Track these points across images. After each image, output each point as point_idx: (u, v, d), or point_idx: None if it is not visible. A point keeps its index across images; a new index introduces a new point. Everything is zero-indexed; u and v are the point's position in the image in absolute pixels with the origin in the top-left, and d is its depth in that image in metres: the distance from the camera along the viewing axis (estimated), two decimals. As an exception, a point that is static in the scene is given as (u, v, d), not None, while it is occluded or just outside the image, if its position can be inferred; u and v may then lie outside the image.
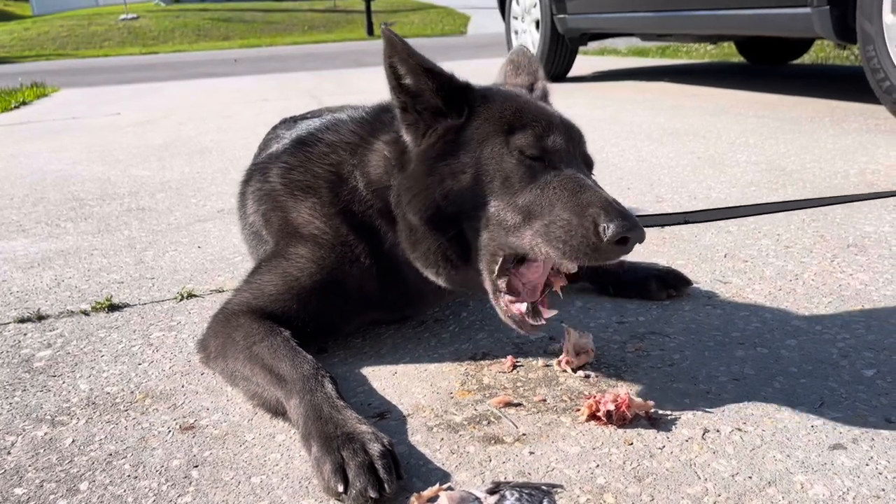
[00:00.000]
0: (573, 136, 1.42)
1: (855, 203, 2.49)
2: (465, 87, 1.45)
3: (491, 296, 1.38)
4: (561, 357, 1.49)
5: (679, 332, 1.62)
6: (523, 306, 1.33)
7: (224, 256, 2.34)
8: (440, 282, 1.47)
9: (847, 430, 1.22)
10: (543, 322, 1.34)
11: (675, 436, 1.23)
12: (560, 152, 1.35)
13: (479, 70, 3.14)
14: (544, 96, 1.64)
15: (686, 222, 2.39)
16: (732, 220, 2.40)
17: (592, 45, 9.65)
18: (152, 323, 1.84)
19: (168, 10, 37.20)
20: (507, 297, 1.34)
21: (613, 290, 1.85)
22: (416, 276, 1.50)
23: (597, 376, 1.45)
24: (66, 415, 1.42)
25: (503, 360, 1.53)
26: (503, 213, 1.33)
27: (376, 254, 1.54)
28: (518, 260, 1.36)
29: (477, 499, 1.05)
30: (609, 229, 1.19)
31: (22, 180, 3.74)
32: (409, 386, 1.46)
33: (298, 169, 1.64)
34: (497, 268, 1.35)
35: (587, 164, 1.43)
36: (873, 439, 1.19)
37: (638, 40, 9.21)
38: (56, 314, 1.92)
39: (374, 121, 1.61)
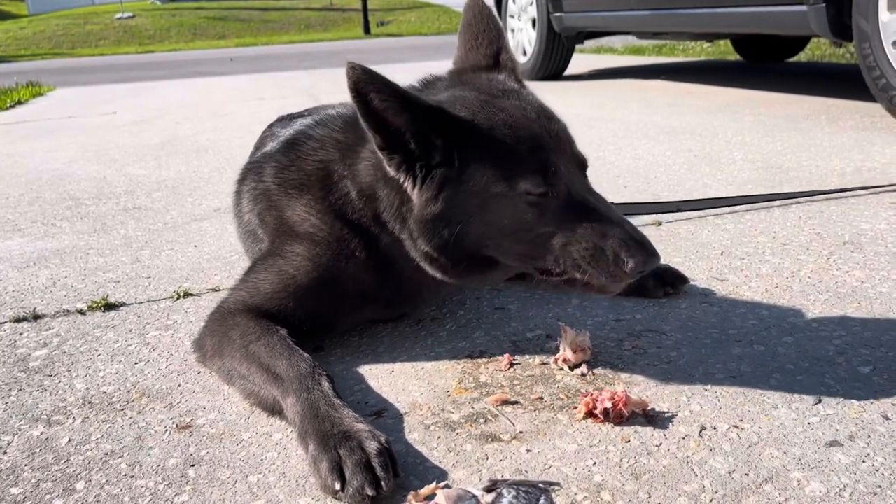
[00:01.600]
0: (563, 140, 1.41)
1: (851, 200, 2.49)
2: (453, 121, 1.36)
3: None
4: (558, 355, 1.50)
5: (676, 330, 1.62)
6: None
7: (220, 255, 2.33)
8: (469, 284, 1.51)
9: (844, 427, 1.22)
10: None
11: (671, 433, 1.23)
12: (562, 178, 1.35)
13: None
14: (513, 71, 1.57)
15: (679, 210, 2.42)
16: (729, 217, 2.40)
17: (589, 43, 9.63)
18: (149, 322, 1.84)
19: (164, 9, 37.12)
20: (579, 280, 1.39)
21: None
22: (414, 272, 1.50)
23: (594, 374, 1.45)
24: (62, 414, 1.41)
25: (500, 358, 1.53)
26: (525, 246, 1.38)
27: (372, 250, 1.54)
28: None
29: (474, 497, 1.05)
30: (629, 264, 1.29)
31: (18, 179, 3.73)
32: (406, 384, 1.46)
33: (291, 168, 1.63)
34: (551, 279, 1.41)
35: (581, 166, 1.43)
36: (870, 436, 1.19)
37: (634, 38, 9.20)
38: (52, 313, 1.92)
39: (356, 125, 1.53)
